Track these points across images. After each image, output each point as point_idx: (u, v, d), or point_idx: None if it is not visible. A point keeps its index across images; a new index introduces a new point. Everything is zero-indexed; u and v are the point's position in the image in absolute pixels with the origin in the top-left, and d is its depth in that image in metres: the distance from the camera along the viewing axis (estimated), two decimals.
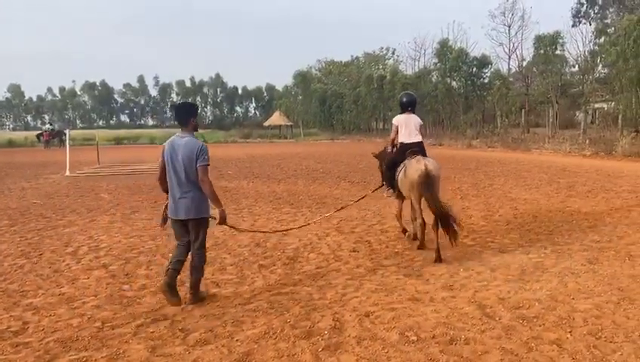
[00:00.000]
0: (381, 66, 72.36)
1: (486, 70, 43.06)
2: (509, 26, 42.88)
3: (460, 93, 44.03)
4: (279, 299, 5.00)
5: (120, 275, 5.93)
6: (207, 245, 5.22)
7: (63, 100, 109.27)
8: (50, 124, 50.67)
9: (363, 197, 8.93)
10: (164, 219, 5.15)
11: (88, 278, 5.84)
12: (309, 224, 8.20)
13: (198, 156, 4.79)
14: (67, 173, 18.64)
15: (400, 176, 7.06)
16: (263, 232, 7.72)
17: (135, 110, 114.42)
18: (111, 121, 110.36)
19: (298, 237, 7.71)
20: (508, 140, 32.37)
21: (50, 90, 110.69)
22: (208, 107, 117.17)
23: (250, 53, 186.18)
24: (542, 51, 35.74)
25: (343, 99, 62.78)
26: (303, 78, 69.90)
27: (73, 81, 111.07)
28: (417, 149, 7.11)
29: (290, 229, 7.91)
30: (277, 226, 8.63)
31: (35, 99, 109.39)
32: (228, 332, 4.21)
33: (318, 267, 6.15)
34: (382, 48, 75.56)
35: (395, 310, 4.64)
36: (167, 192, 5.01)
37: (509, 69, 44.95)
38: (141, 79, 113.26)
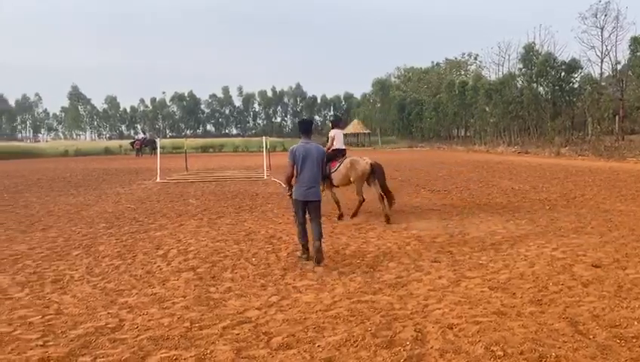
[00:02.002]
0: (463, 72, 70.67)
1: (575, 75, 40.87)
2: (602, 28, 40.34)
3: (547, 98, 42.08)
4: (359, 307, 5.00)
5: (207, 278, 6.18)
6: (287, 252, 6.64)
7: (153, 110, 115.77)
8: (143, 133, 53.91)
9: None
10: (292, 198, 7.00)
11: (177, 280, 6.14)
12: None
13: (323, 157, 6.97)
14: (158, 179, 19.71)
15: (340, 170, 10.19)
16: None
17: (220, 119, 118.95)
18: (197, 130, 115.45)
19: (377, 246, 7.68)
20: (600, 148, 30.52)
21: (142, 101, 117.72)
22: (288, 116, 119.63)
23: (329, 63, 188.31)
24: (638, 54, 33.39)
25: (422, 106, 61.91)
26: (381, 86, 69.69)
27: (163, 93, 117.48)
28: (345, 153, 10.67)
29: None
30: (355, 234, 8.64)
31: (128, 109, 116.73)
32: (309, 338, 4.27)
33: (399, 276, 6.08)
34: (464, 54, 73.75)
35: (479, 323, 4.49)
36: (288, 183, 6.94)
37: (602, 73, 42.29)
38: (226, 90, 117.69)
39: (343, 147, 10.76)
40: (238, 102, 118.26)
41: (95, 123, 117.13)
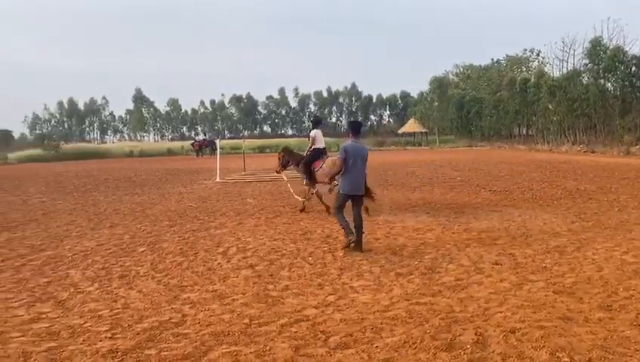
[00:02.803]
0: (525, 69, 68.37)
1: None
2: None
3: (615, 95, 39.98)
4: (418, 309, 4.93)
5: (265, 275, 6.28)
6: (343, 252, 7.28)
7: (213, 112, 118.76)
8: (203, 134, 55.47)
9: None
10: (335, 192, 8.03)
11: (237, 277, 6.27)
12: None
13: (367, 155, 7.69)
14: (217, 179, 20.21)
15: (323, 168, 11.04)
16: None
17: (276, 120, 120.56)
18: (255, 131, 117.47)
19: (436, 247, 7.55)
20: None
21: (202, 103, 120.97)
22: (343, 116, 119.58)
23: (385, 62, 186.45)
24: None
25: (482, 104, 60.30)
26: (439, 84, 68.42)
27: (222, 95, 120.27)
28: (325, 152, 11.55)
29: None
30: (413, 235, 8.53)
31: (189, 112, 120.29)
32: (367, 339, 4.25)
33: (458, 279, 5.96)
34: (525, 50, 71.29)
35: (544, 328, 4.33)
36: (332, 178, 8.43)
37: None
38: (282, 91, 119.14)
39: (323, 146, 11.65)
40: (293, 102, 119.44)
41: (158, 125, 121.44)
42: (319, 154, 11.47)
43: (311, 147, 11.53)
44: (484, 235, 8.33)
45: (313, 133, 11.65)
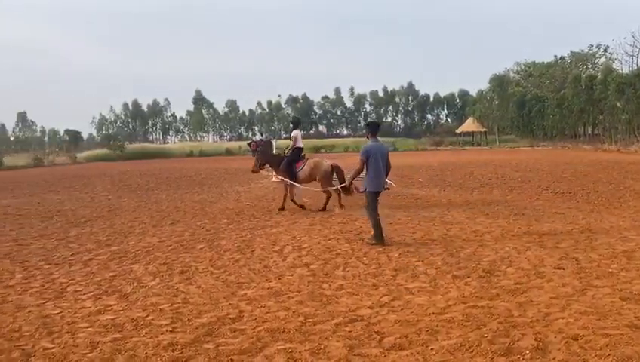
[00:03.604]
0: (591, 66, 65.35)
1: None
2: None
3: None
4: (475, 313, 4.82)
5: (320, 274, 6.33)
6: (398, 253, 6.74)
7: (270, 113, 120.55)
8: (261, 135, 56.48)
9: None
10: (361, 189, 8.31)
11: (292, 275, 6.35)
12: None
13: (388, 153, 8.14)
14: (273, 178, 20.47)
15: (305, 169, 11.86)
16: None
17: (332, 120, 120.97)
18: (310, 131, 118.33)
19: (494, 250, 7.36)
20: None
21: (259, 104, 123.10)
22: (399, 115, 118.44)
23: (442, 60, 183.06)
24: None
25: (544, 102, 58.15)
26: (499, 82, 66.51)
27: (279, 96, 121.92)
28: (304, 152, 12.33)
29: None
30: (471, 237, 8.35)
31: (247, 112, 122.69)
32: (422, 340, 4.20)
33: (517, 282, 5.78)
34: (591, 46, 68.10)
35: (609, 336, 4.13)
36: (353, 178, 8.60)
37: None
38: (337, 91, 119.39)
39: (302, 145, 12.32)
40: (349, 102, 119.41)
41: (217, 125, 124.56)
42: (299, 154, 12.16)
43: (293, 147, 12.11)
44: (546, 238, 8.04)
45: (295, 133, 12.26)
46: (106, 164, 42.23)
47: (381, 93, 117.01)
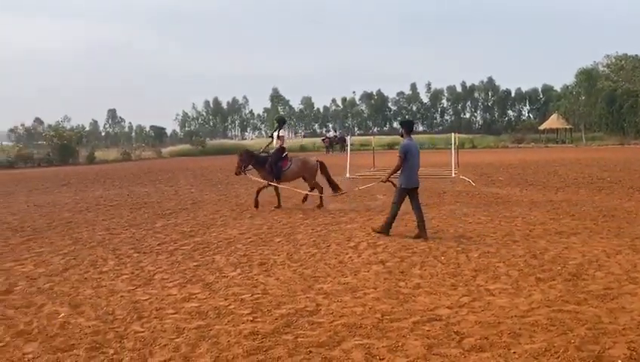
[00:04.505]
0: None
1: None
2: None
3: None
4: (560, 317, 4.61)
5: (396, 272, 6.28)
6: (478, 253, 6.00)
7: (344, 110, 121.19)
8: (334, 131, 56.80)
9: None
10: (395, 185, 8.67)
11: (368, 272, 6.35)
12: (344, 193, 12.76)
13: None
14: (347, 175, 20.55)
15: (292, 168, 12.15)
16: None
17: (407, 116, 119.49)
18: (384, 128, 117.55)
19: (581, 253, 6.98)
20: None
21: (334, 100, 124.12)
22: (478, 112, 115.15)
23: (524, 54, 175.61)
24: None
25: (637, 97, 54.24)
26: (587, 77, 62.81)
27: (353, 92, 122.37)
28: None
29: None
30: (555, 238, 7.96)
31: (321, 109, 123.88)
32: (504, 343, 4.07)
33: (607, 288, 5.45)
34: None
35: None
36: (392, 174, 8.66)
37: None
38: (413, 87, 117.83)
39: (286, 145, 12.53)
40: (425, 98, 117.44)
41: (292, 122, 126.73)
42: (282, 153, 12.16)
43: (282, 145, 12.14)
44: (639, 242, 7.52)
45: (282, 132, 12.26)
46: (188, 159, 44.10)
47: (459, 89, 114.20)
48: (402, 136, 8.50)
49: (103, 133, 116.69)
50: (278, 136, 12.30)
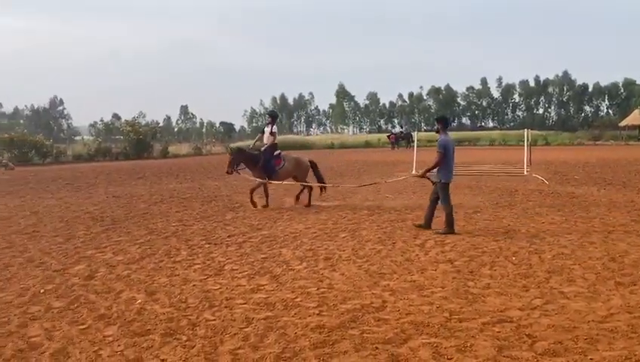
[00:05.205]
0: None
1: None
2: None
3: None
4: None
5: (464, 271, 6.15)
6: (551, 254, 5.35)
7: (410, 105, 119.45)
8: (400, 127, 56.22)
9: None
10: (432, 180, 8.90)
11: (435, 270, 6.25)
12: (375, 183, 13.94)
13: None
14: (413, 171, 20.28)
15: (286, 167, 11.90)
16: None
17: (476, 112, 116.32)
18: (453, 123, 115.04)
19: None
20: None
21: (400, 96, 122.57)
22: (552, 107, 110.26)
23: (603, 46, 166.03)
24: None
25: None
26: None
27: (421, 87, 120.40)
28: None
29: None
30: (637, 241, 7.51)
31: (387, 105, 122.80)
32: (580, 349, 3.90)
33: None
34: None
35: None
36: (429, 170, 8.81)
37: None
38: (484, 81, 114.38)
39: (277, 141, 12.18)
40: (496, 93, 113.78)
41: (357, 118, 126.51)
42: (275, 150, 11.84)
43: (274, 142, 11.81)
44: None
45: (275, 128, 11.93)
46: None
47: (532, 83, 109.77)
48: (438, 132, 8.68)
49: (175, 129, 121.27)
50: (271, 132, 11.86)
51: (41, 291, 5.76)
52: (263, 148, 11.88)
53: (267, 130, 11.96)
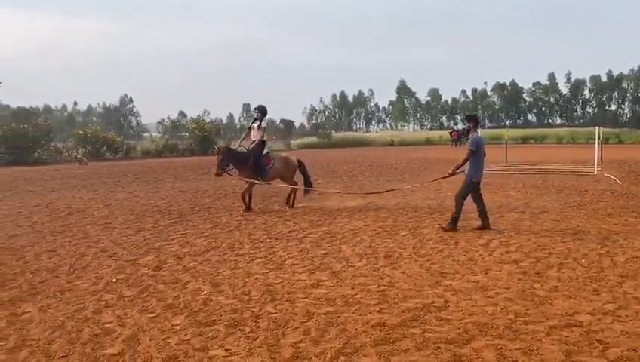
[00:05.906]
0: None
1: None
2: None
3: None
4: None
5: (530, 273, 5.96)
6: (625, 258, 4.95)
7: (474, 101, 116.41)
8: (463, 124, 54.87)
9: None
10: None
11: (500, 271, 6.09)
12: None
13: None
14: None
15: (276, 166, 11.46)
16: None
17: (543, 108, 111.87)
18: (518, 120, 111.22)
19: None
20: None
21: (463, 92, 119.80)
22: (626, 103, 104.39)
23: None
24: None
25: None
26: None
27: (485, 83, 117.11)
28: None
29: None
30: None
31: (450, 101, 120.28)
32: None
33: None
34: None
35: None
36: (459, 167, 8.76)
37: None
38: (552, 77, 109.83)
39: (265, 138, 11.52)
40: (564, 89, 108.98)
41: (418, 115, 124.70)
42: (263, 148, 11.35)
43: (262, 138, 11.16)
44: None
45: (264, 123, 11.33)
46: (315, 151, 45.35)
47: (604, 78, 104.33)
48: (469, 130, 8.70)
49: (238, 126, 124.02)
50: (259, 126, 11.15)
51: (114, 280, 6.08)
52: (250, 146, 11.18)
53: (255, 125, 11.23)
